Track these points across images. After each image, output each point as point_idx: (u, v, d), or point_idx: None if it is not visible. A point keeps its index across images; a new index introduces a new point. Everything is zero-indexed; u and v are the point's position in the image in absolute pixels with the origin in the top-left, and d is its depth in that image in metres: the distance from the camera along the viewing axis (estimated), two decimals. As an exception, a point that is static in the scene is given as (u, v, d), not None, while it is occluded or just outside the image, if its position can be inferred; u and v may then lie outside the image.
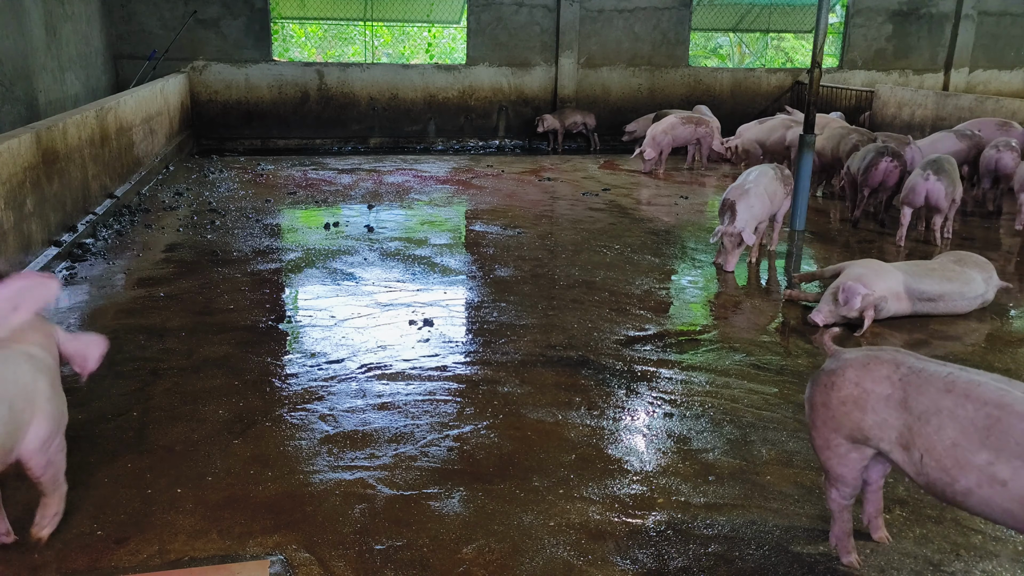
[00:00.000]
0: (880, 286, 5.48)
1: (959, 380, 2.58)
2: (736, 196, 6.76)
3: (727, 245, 6.78)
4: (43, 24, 9.76)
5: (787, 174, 7.39)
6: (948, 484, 2.53)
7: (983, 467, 2.44)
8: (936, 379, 2.61)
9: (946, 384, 2.58)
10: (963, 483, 2.49)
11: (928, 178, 7.57)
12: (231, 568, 2.99)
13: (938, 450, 2.54)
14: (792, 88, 15.87)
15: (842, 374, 2.81)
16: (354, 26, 15.96)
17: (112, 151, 8.69)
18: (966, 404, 2.51)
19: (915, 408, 2.61)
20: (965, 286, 5.72)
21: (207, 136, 13.85)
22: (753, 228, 6.80)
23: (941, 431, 2.53)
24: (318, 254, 7.26)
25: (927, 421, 2.57)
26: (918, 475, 2.62)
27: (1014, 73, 16.86)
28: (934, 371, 2.65)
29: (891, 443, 2.68)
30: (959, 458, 2.49)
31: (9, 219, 5.82)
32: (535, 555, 3.11)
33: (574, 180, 11.18)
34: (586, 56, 15.01)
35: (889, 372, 2.72)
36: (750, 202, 6.73)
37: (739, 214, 6.65)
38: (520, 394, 4.48)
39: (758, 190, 6.85)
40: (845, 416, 2.78)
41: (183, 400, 4.33)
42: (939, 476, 2.55)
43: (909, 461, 2.63)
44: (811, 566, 3.06)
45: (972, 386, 2.54)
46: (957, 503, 2.57)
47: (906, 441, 2.63)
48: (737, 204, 6.69)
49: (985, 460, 2.43)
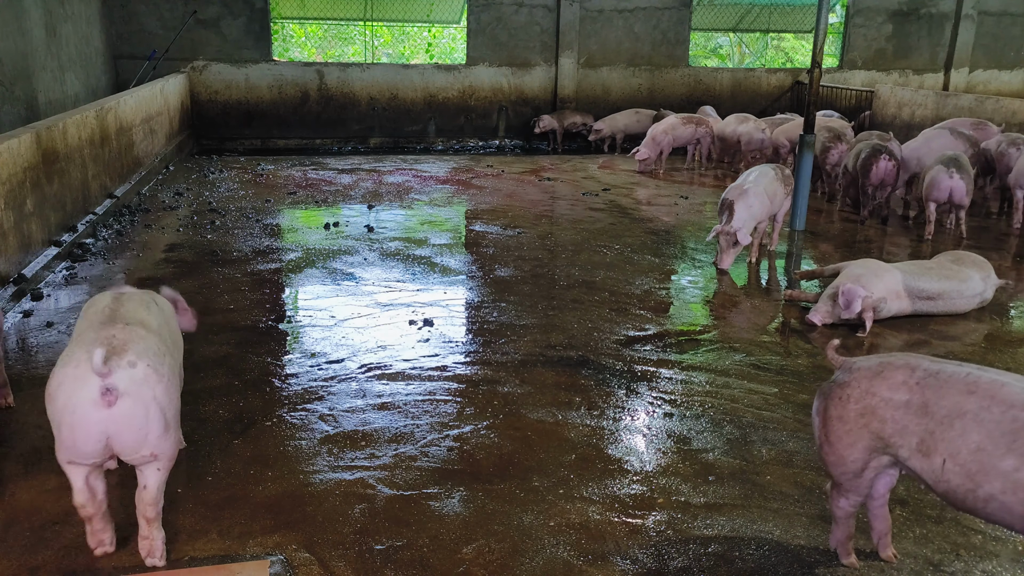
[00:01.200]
0: (879, 287, 5.48)
1: (981, 380, 2.50)
2: (735, 196, 6.77)
3: (722, 244, 6.81)
4: (43, 24, 9.76)
5: (787, 174, 7.41)
6: (970, 491, 2.45)
7: (1008, 473, 2.36)
8: (956, 380, 2.53)
9: (967, 385, 2.50)
10: (986, 489, 2.41)
11: (952, 175, 7.76)
12: (231, 568, 2.98)
13: (962, 455, 2.44)
14: (792, 88, 15.88)
15: (856, 385, 2.71)
16: (354, 26, 15.96)
17: (112, 151, 8.69)
18: (991, 407, 2.42)
19: (937, 412, 2.52)
20: (963, 284, 5.73)
21: (207, 136, 13.85)
22: (751, 228, 6.81)
23: (965, 435, 2.44)
24: (318, 254, 7.26)
25: (950, 425, 2.48)
26: (937, 482, 2.53)
27: (1014, 73, 16.87)
28: (952, 372, 2.57)
29: (911, 450, 2.58)
30: (984, 463, 2.40)
31: (9, 219, 5.82)
32: (535, 555, 3.10)
33: (574, 180, 11.18)
34: (586, 56, 15.02)
35: (905, 377, 2.63)
36: (749, 202, 6.74)
37: (737, 214, 6.67)
38: (520, 394, 4.48)
39: (757, 190, 6.85)
40: (864, 428, 2.68)
41: (183, 400, 4.32)
42: (961, 482, 2.46)
43: (929, 468, 2.54)
44: (811, 566, 3.06)
45: (996, 387, 2.46)
46: (976, 510, 2.49)
47: (927, 447, 2.53)
48: (736, 204, 6.70)
49: (1012, 466, 2.35)
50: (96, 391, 2.65)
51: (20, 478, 3.57)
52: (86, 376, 2.66)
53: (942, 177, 7.77)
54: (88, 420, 2.66)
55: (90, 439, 2.69)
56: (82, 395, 2.66)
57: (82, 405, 2.66)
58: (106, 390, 2.65)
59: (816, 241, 8.06)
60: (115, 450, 2.73)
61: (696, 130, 11.98)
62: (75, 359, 2.71)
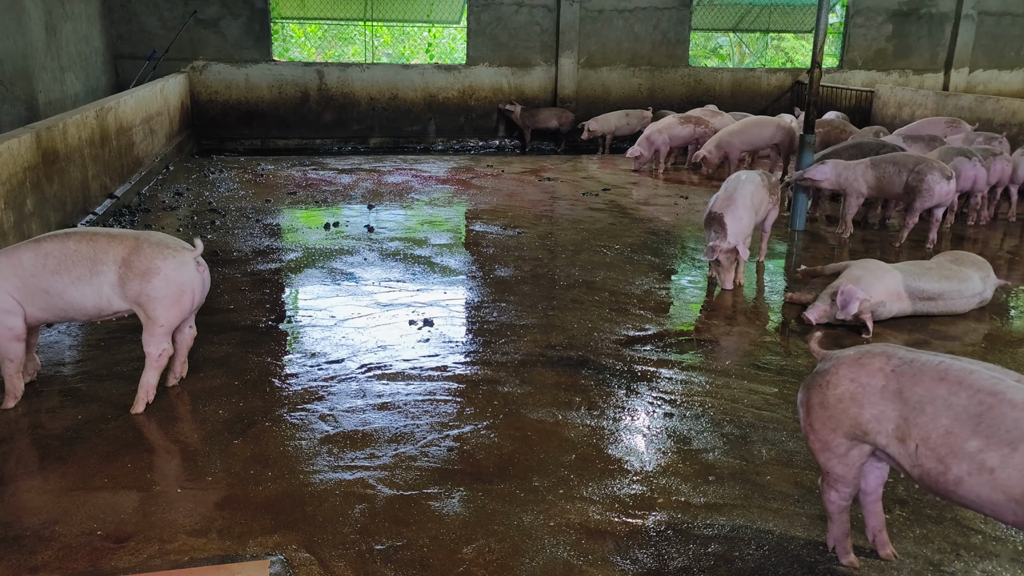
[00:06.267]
0: (879, 288, 5.48)
1: (952, 368, 2.61)
2: (723, 208, 6.25)
3: (723, 262, 6.25)
4: (43, 24, 9.76)
5: (774, 181, 6.98)
6: (941, 473, 2.55)
7: (973, 454, 2.46)
8: (929, 368, 2.65)
9: (939, 372, 2.62)
10: (955, 471, 2.51)
11: (976, 164, 7.93)
12: (231, 568, 2.98)
13: (932, 438, 2.56)
14: (792, 88, 15.88)
15: (836, 372, 2.83)
16: (354, 26, 15.96)
17: (112, 151, 8.70)
18: (960, 392, 2.54)
19: (911, 398, 2.63)
20: (963, 284, 5.74)
21: (207, 136, 13.85)
22: (747, 241, 6.38)
23: (936, 419, 2.56)
24: (318, 254, 7.26)
25: (922, 410, 2.60)
26: (913, 467, 2.64)
27: (1014, 73, 16.87)
28: (926, 360, 2.69)
29: (888, 436, 2.69)
30: (952, 445, 2.51)
31: (9, 219, 5.82)
32: (535, 555, 3.11)
33: (574, 180, 11.18)
34: (586, 56, 15.02)
35: (882, 364, 2.75)
36: (738, 214, 6.23)
37: (728, 227, 6.14)
38: (520, 394, 4.48)
39: (744, 200, 6.33)
40: (843, 413, 2.79)
41: (183, 400, 4.33)
42: (933, 465, 2.56)
43: (905, 453, 2.65)
44: (811, 566, 3.06)
45: (965, 374, 2.57)
46: (949, 494, 2.58)
47: (902, 433, 2.65)
48: (725, 217, 6.18)
49: (976, 447, 2.45)
50: (195, 264, 4.12)
51: (20, 478, 3.57)
52: (187, 258, 4.09)
53: (965, 165, 7.93)
54: (196, 281, 4.13)
55: (196, 294, 4.16)
56: (190, 267, 4.09)
57: (192, 273, 4.10)
58: (197, 263, 4.14)
59: (817, 241, 8.06)
60: (197, 302, 4.21)
61: (695, 130, 11.92)
62: (175, 251, 4.07)
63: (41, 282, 3.96)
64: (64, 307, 4.04)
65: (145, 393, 4.19)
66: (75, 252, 3.97)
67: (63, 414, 4.14)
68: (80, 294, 3.99)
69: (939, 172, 7.35)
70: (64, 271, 3.95)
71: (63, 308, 4.04)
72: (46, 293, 3.97)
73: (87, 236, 4.05)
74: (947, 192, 7.42)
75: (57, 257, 3.95)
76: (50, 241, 4.01)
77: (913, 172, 7.40)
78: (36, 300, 4.00)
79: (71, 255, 3.96)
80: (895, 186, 7.57)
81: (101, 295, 4.01)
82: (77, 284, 3.97)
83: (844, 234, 8.09)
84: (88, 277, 3.97)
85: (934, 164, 7.42)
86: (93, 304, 4.04)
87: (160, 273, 3.99)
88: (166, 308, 4.05)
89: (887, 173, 7.58)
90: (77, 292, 3.98)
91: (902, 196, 7.65)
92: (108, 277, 3.98)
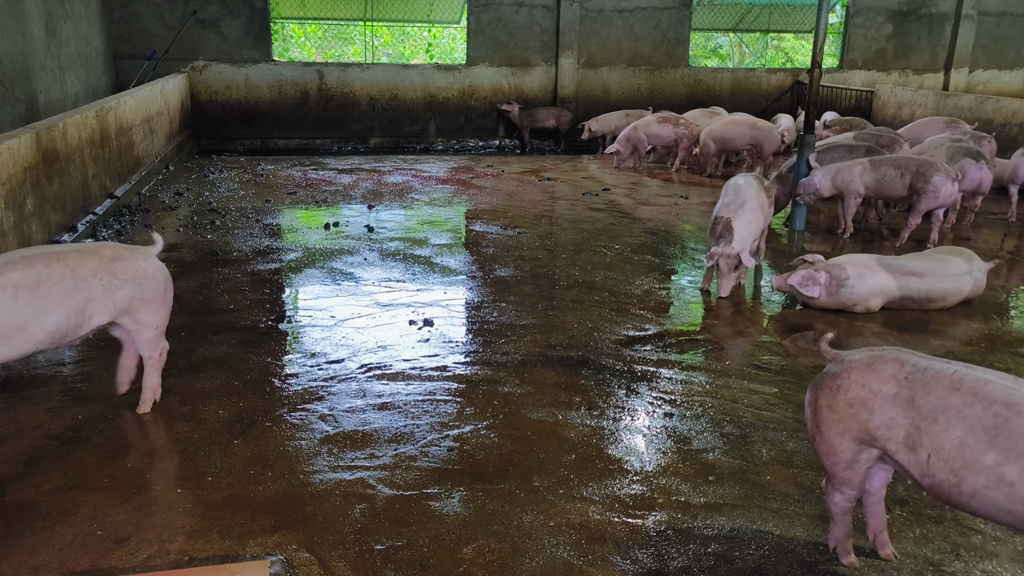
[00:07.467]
0: (850, 263, 5.78)
1: (967, 378, 2.54)
2: (731, 213, 6.12)
3: (723, 268, 6.09)
4: (43, 24, 9.76)
5: (768, 184, 6.90)
6: (955, 485, 2.49)
7: (991, 467, 2.40)
8: (943, 377, 2.58)
9: (953, 382, 2.55)
10: (970, 484, 2.45)
11: (982, 166, 8.02)
12: (231, 568, 2.98)
13: (946, 450, 2.49)
14: (792, 88, 15.88)
15: (847, 376, 2.77)
16: (354, 26, 15.96)
17: (112, 151, 8.69)
18: (974, 403, 2.47)
19: (923, 407, 2.57)
20: (945, 264, 5.91)
21: (207, 136, 13.85)
22: (752, 248, 6.26)
23: (948, 430, 2.49)
24: (318, 254, 7.26)
25: (934, 420, 2.53)
26: (924, 476, 2.58)
27: (1014, 73, 16.87)
28: (940, 369, 2.62)
29: (898, 443, 2.63)
30: (966, 458, 2.45)
31: (9, 219, 5.82)
32: (535, 555, 3.10)
33: (574, 180, 11.18)
34: (586, 56, 15.02)
35: (895, 371, 2.68)
36: (747, 219, 6.10)
37: (736, 232, 6.00)
38: (520, 394, 4.48)
39: (752, 204, 6.23)
40: (852, 418, 2.73)
41: (183, 400, 4.33)
42: (946, 477, 2.50)
43: (915, 462, 2.59)
44: (811, 566, 3.06)
45: (980, 384, 2.51)
46: (962, 505, 2.53)
47: (913, 441, 2.58)
48: (734, 222, 6.03)
49: (993, 460, 2.39)
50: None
51: (20, 478, 3.57)
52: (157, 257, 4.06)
53: (971, 166, 7.98)
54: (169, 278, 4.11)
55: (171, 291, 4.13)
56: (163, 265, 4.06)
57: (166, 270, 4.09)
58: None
59: (817, 241, 8.06)
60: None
61: (675, 131, 11.77)
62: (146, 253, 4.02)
63: (13, 319, 3.50)
64: (42, 340, 3.62)
65: (152, 394, 4.19)
66: (48, 275, 3.59)
67: (63, 414, 4.14)
68: (61, 317, 3.64)
69: (944, 173, 7.35)
70: (40, 299, 3.56)
71: (40, 341, 3.62)
72: (20, 331, 3.54)
73: (52, 256, 3.68)
74: (952, 193, 7.43)
75: (29, 286, 3.53)
76: (13, 271, 3.53)
77: (917, 173, 7.40)
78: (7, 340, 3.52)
79: (45, 280, 3.58)
80: (897, 188, 7.57)
81: (83, 313, 3.71)
82: (58, 307, 3.61)
83: (844, 234, 8.09)
84: (69, 296, 3.65)
85: (939, 165, 7.42)
86: (74, 324, 3.70)
87: (148, 274, 3.94)
88: (157, 309, 4.02)
89: (888, 175, 7.58)
90: (58, 316, 3.62)
91: (904, 198, 7.64)
92: (91, 292, 3.72)
